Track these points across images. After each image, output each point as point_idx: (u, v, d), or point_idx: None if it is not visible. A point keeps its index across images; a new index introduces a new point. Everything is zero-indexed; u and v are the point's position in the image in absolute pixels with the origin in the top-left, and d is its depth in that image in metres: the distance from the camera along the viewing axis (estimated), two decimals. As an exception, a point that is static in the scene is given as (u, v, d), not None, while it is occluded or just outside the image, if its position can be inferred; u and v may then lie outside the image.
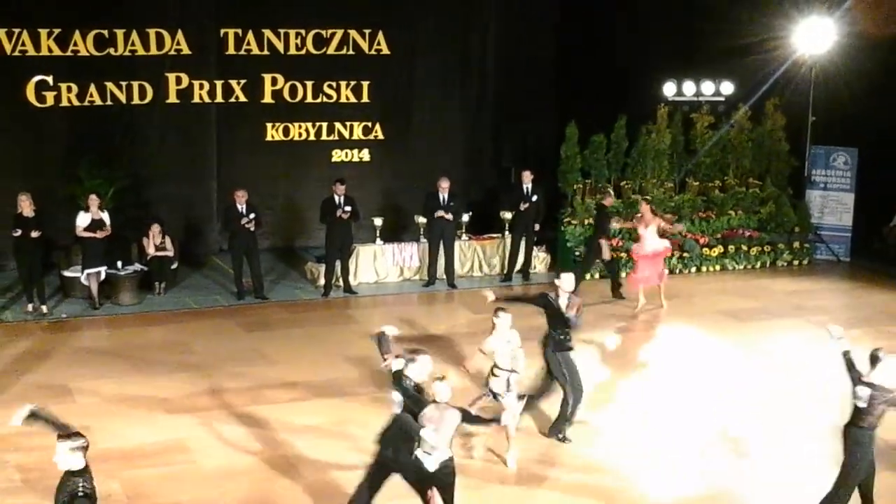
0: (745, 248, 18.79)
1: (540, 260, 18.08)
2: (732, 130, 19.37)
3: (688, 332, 14.93)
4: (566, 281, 10.85)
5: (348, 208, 16.27)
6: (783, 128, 19.49)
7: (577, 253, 17.78)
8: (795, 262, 19.25)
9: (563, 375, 10.76)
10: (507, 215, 17.76)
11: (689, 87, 19.34)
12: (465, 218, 17.78)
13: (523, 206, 17.34)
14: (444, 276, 17.13)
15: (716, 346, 14.23)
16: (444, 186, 16.97)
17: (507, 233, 17.83)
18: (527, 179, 17.42)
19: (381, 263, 17.27)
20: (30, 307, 15.18)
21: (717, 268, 18.66)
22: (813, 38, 18.45)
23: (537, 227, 17.62)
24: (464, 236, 17.86)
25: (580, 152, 18.30)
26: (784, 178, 19.62)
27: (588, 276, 17.24)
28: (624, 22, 19.85)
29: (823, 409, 11.48)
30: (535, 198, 17.35)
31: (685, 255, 18.36)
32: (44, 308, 15.17)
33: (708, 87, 19.39)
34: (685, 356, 13.88)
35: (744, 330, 14.95)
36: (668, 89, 19.26)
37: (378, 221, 17.27)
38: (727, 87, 19.46)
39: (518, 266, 17.69)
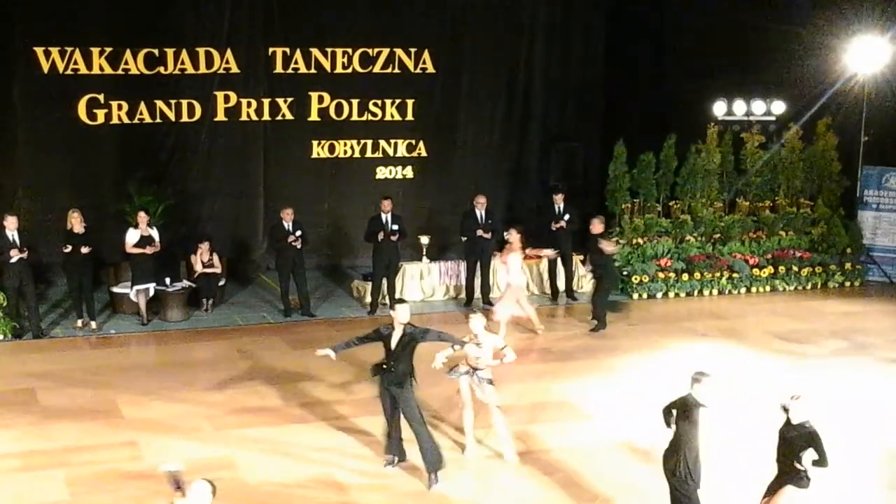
0: (795, 269, 18.54)
1: (587, 279, 17.92)
2: (783, 150, 19.14)
3: (736, 353, 14.69)
4: (401, 312, 10.12)
5: (396, 227, 16.27)
6: (835, 147, 19.27)
7: (624, 273, 17.64)
8: (847, 283, 18.98)
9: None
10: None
11: (739, 107, 19.15)
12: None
13: (555, 227, 17.22)
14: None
15: (762, 367, 13.98)
16: (481, 203, 16.92)
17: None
18: (558, 200, 17.31)
19: (427, 281, 17.23)
20: (79, 323, 15.31)
21: (768, 289, 18.41)
22: (865, 58, 18.22)
23: (574, 248, 17.49)
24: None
25: (628, 171, 18.20)
26: (836, 199, 19.37)
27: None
28: (674, 41, 19.72)
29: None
30: (567, 217, 17.22)
31: (735, 275, 18.15)
32: (93, 324, 15.30)
33: (759, 107, 19.19)
34: (730, 376, 13.62)
35: (792, 351, 14.70)
36: (719, 108, 19.10)
37: (425, 240, 17.25)
38: (778, 107, 19.25)
39: (562, 286, 17.56)
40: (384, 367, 10.07)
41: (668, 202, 18.65)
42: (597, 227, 15.79)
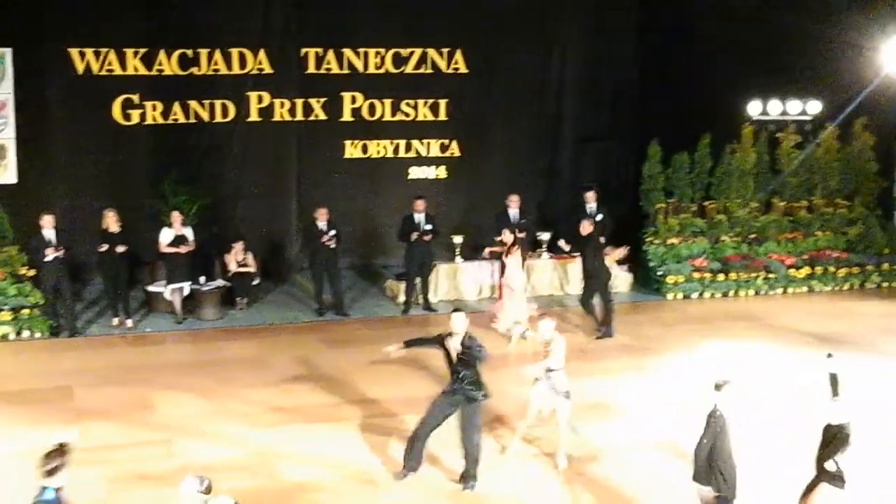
0: (832, 269, 18.37)
1: (622, 279, 17.84)
2: (819, 150, 18.97)
3: (771, 353, 14.55)
4: (454, 321, 9.74)
5: (429, 226, 16.29)
6: (872, 147, 19.07)
7: (659, 273, 17.55)
8: (885, 284, 18.76)
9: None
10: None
11: (774, 106, 18.99)
12: (546, 236, 17.67)
13: (587, 226, 17.08)
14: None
15: (798, 368, 13.81)
16: (514, 203, 16.87)
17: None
18: (590, 199, 17.21)
19: (460, 281, 17.19)
20: (115, 321, 15.41)
21: (804, 289, 18.25)
22: (902, 56, 18.00)
23: (607, 248, 17.34)
24: (544, 255, 17.71)
25: (663, 171, 18.10)
26: (873, 199, 19.19)
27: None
28: (709, 40, 19.54)
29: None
30: (599, 217, 17.13)
31: (771, 276, 18.00)
32: (129, 322, 15.39)
33: (794, 106, 19.03)
34: (765, 377, 13.50)
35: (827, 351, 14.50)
36: (754, 108, 18.96)
37: (458, 239, 17.23)
38: (814, 106, 19.08)
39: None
40: (451, 377, 9.76)
41: (702, 202, 18.52)
42: (585, 228, 15.36)
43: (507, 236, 15.17)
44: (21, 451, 10.65)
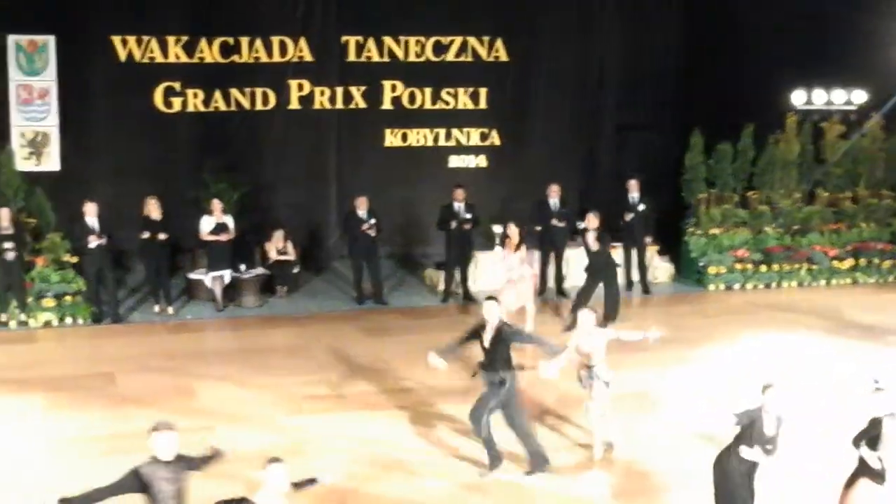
0: (876, 261, 18.14)
1: (663, 270, 17.72)
2: (864, 140, 18.72)
3: (815, 345, 14.38)
4: (486, 310, 9.72)
5: (468, 215, 16.27)
6: (918, 137, 18.80)
7: (700, 264, 17.42)
8: (930, 276, 18.51)
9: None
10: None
11: (819, 96, 18.73)
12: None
13: (628, 217, 17.01)
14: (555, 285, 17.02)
15: (842, 360, 13.65)
16: (555, 192, 16.80)
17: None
18: (633, 189, 17.08)
19: (499, 271, 17.08)
20: (156, 308, 15.52)
21: (848, 281, 18.04)
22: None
23: (648, 238, 17.27)
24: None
25: (705, 161, 17.94)
26: (918, 189, 18.92)
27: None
28: (753, 28, 19.31)
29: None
30: (641, 207, 17.00)
31: (814, 267, 17.82)
32: (170, 309, 15.50)
33: (839, 96, 18.75)
34: (810, 369, 13.35)
35: (874, 344, 14.35)
36: (798, 98, 18.70)
37: (497, 228, 17.14)
38: (859, 96, 18.79)
39: (636, 278, 17.35)
40: (482, 365, 9.72)
41: (745, 192, 18.34)
42: (592, 221, 15.02)
43: (511, 230, 14.79)
44: (64, 436, 10.78)
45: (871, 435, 8.13)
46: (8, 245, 14.43)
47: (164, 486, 7.04)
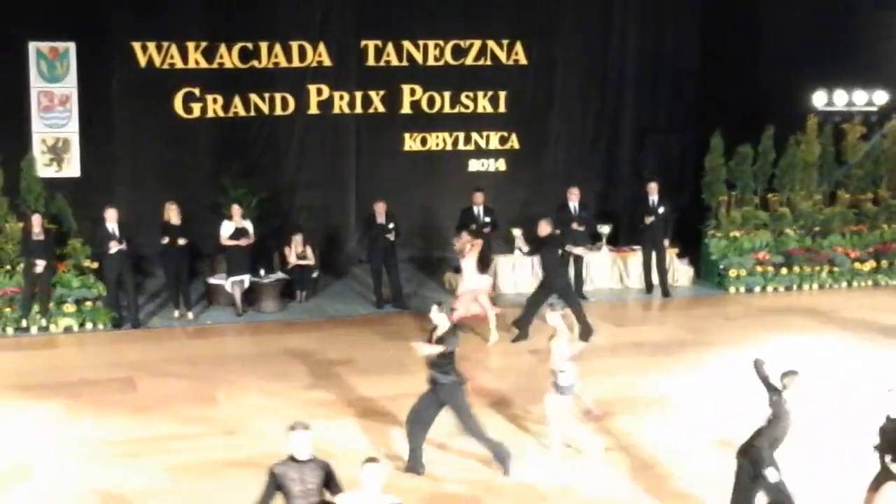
0: (899, 263, 18.02)
1: (683, 273, 17.66)
2: (885, 141, 18.60)
3: (836, 348, 14.29)
4: (433, 316, 10.27)
5: (488, 219, 16.29)
6: (940, 138, 18.65)
7: (721, 267, 17.36)
8: (952, 278, 18.35)
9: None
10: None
11: (840, 97, 18.60)
12: (606, 230, 17.54)
13: (648, 220, 16.96)
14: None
15: (863, 362, 13.55)
16: (575, 195, 16.78)
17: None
18: (652, 192, 17.03)
19: (519, 274, 17.09)
20: (176, 313, 15.56)
21: (869, 283, 17.92)
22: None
23: (667, 241, 17.21)
24: (604, 248, 17.58)
25: (725, 163, 17.87)
26: (940, 191, 18.77)
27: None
28: (772, 29, 19.23)
29: None
30: (661, 210, 16.95)
31: (835, 269, 17.71)
32: (189, 314, 15.54)
33: (860, 97, 18.60)
34: (829, 371, 13.26)
35: (894, 347, 14.25)
36: (818, 99, 18.56)
37: (517, 232, 17.09)
38: (880, 97, 18.64)
39: (655, 281, 17.28)
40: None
41: (765, 194, 18.24)
42: (543, 228, 14.68)
43: (464, 238, 14.63)
44: (84, 440, 10.83)
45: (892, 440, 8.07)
46: (40, 262, 14.55)
47: (291, 486, 7.09)
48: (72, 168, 17.07)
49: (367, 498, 6.89)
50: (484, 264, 15.24)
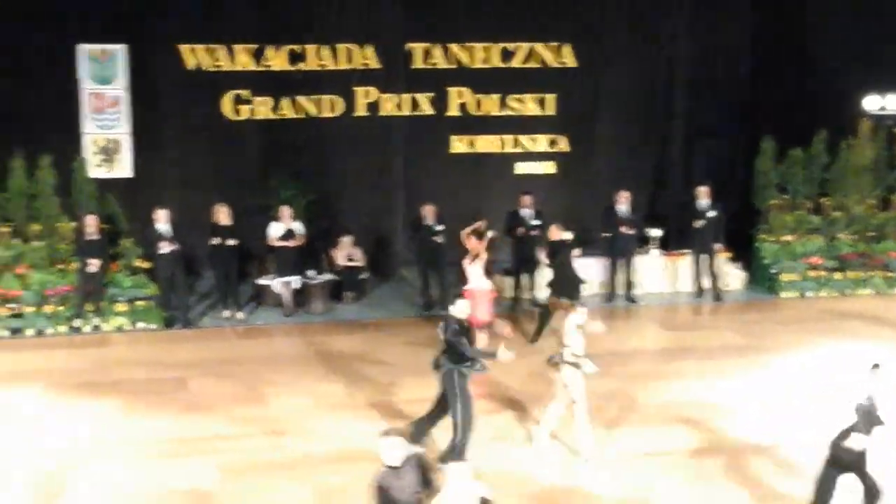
0: (955, 268, 17.69)
1: (734, 277, 17.46)
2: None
3: (890, 353, 14.00)
4: (458, 308, 10.31)
5: (536, 222, 16.20)
6: None
7: (773, 271, 17.15)
8: None
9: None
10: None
11: (892, 101, 18.27)
12: (656, 233, 17.39)
13: (698, 224, 16.78)
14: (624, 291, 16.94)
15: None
16: (624, 199, 16.65)
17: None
18: (702, 195, 16.88)
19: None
20: (225, 314, 15.63)
21: (925, 289, 17.64)
22: None
23: (717, 245, 17.02)
24: (654, 252, 17.43)
25: (776, 167, 17.66)
26: None
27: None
28: (824, 33, 18.99)
29: None
30: (711, 214, 16.76)
31: (890, 274, 17.43)
32: (239, 315, 15.61)
33: (914, 100, 18.34)
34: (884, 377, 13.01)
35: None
36: (870, 103, 18.28)
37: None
38: (935, 100, 18.37)
39: (706, 285, 17.11)
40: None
41: (818, 198, 18.01)
42: (554, 233, 14.80)
43: (472, 242, 14.37)
44: (136, 438, 10.88)
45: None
46: (94, 261, 14.68)
47: (399, 496, 6.99)
48: (122, 169, 17.22)
49: (453, 498, 6.80)
50: (488, 271, 14.92)
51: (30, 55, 16.25)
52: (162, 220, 15.14)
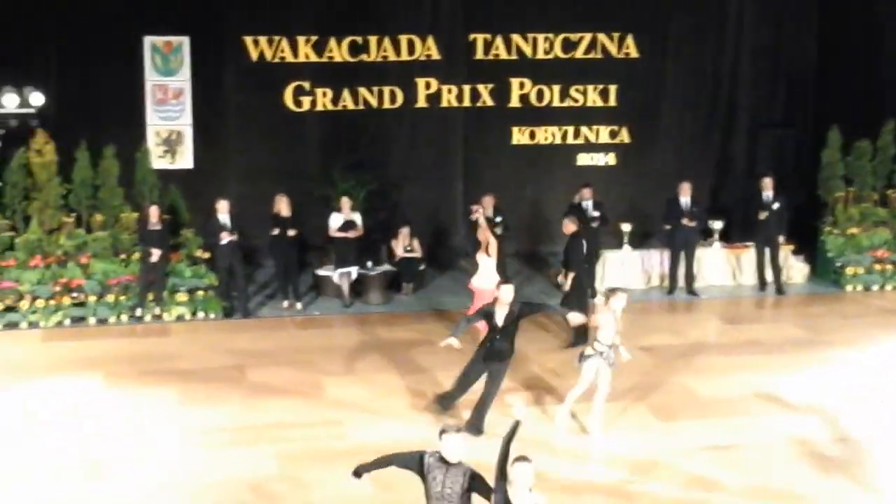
0: None
1: (798, 270, 17.20)
2: None
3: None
4: (504, 292, 10.70)
5: (597, 214, 16.10)
6: None
7: (837, 264, 16.86)
8: None
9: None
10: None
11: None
12: (718, 225, 17.18)
13: (762, 215, 16.55)
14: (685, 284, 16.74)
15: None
16: (686, 191, 16.49)
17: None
18: (767, 187, 16.63)
19: (628, 270, 16.84)
20: (285, 304, 15.72)
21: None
22: None
23: (782, 238, 16.76)
24: (716, 244, 17.22)
25: (842, 159, 17.35)
26: None
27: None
28: (890, 23, 18.57)
29: None
30: (775, 206, 16.52)
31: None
32: (298, 305, 15.70)
33: None
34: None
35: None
36: (941, 92, 17.92)
37: (626, 227, 16.92)
38: None
39: (769, 278, 16.87)
40: (489, 342, 10.74)
41: (885, 191, 17.65)
42: (568, 227, 14.43)
43: (486, 233, 14.03)
44: (196, 427, 10.98)
45: None
46: (156, 251, 14.85)
47: (432, 484, 7.01)
48: (185, 160, 17.38)
49: (516, 497, 6.75)
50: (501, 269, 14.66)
51: (96, 47, 16.42)
52: (223, 211, 15.26)
